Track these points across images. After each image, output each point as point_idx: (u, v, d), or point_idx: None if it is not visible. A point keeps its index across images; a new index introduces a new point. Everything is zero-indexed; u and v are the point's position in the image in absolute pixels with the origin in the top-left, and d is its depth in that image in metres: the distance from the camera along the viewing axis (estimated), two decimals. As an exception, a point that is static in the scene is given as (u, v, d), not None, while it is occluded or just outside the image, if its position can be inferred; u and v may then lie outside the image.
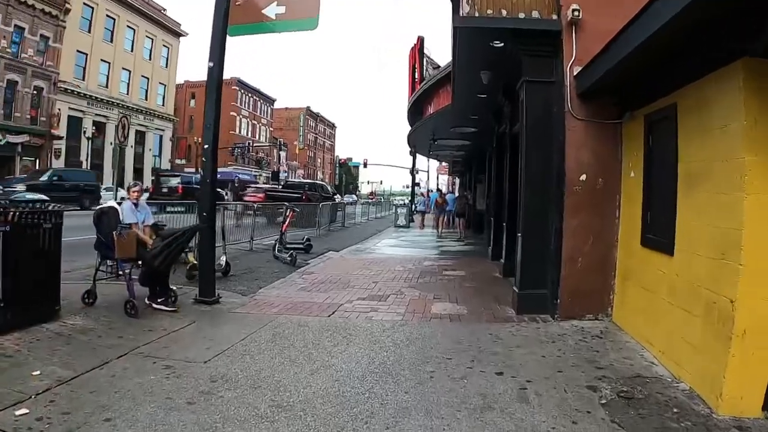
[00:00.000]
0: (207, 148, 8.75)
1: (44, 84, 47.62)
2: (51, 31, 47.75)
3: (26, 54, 45.40)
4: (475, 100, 13.50)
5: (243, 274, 12.66)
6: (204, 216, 8.81)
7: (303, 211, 22.23)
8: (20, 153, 45.68)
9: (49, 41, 47.77)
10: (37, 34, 46.36)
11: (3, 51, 43.34)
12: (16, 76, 44.90)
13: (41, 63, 47.20)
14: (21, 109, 45.43)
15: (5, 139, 44.00)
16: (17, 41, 44.90)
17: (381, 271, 13.34)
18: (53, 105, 48.14)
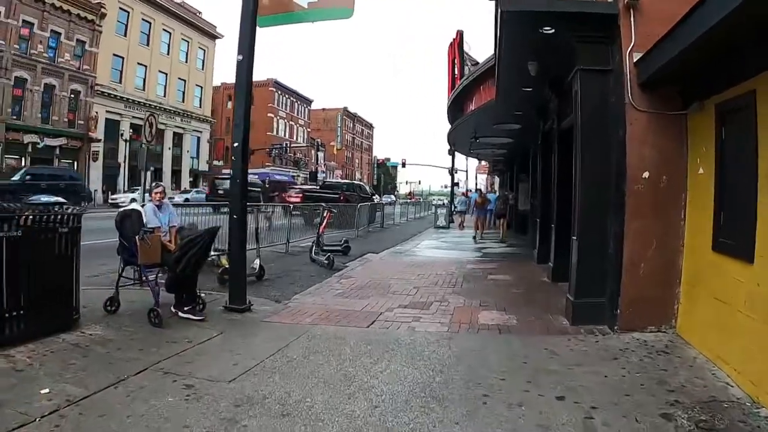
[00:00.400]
0: (237, 147, 8.24)
1: (81, 87, 48.01)
2: (87, 35, 48.22)
3: (63, 58, 45.92)
4: (520, 95, 12.82)
5: (278, 278, 12.22)
6: (234, 219, 8.31)
7: (341, 211, 21.78)
8: (58, 156, 46.13)
9: (86, 45, 48.31)
10: (73, 39, 46.84)
11: (40, 55, 43.80)
12: (53, 80, 45.37)
13: (78, 67, 47.63)
14: (58, 112, 45.91)
15: (43, 142, 44.45)
16: (54, 46, 45.53)
17: (422, 275, 12.75)
18: (90, 108, 48.56)
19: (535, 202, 18.28)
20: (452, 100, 18.87)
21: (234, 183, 8.44)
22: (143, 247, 7.44)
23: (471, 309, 9.10)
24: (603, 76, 8.20)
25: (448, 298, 9.93)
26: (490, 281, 12.08)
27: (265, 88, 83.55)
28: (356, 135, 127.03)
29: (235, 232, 8.40)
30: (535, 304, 9.62)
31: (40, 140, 44.17)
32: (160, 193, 8.40)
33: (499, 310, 8.97)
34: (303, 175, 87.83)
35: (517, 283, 11.87)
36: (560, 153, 11.95)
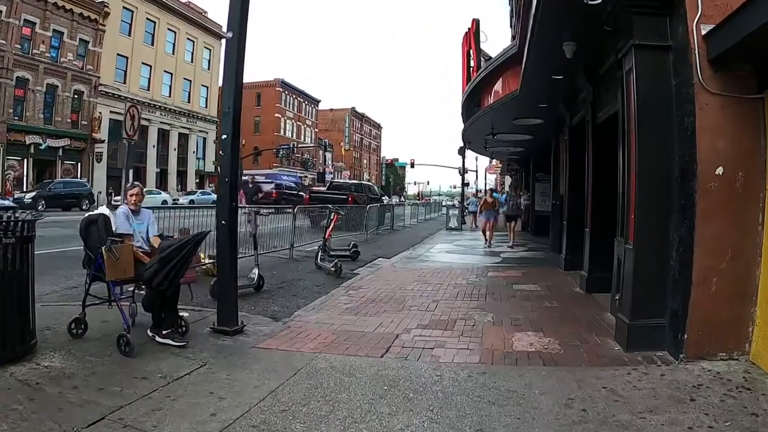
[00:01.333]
0: (225, 139, 6.87)
1: (84, 88, 47.04)
2: (90, 35, 47.34)
3: (66, 58, 45.06)
4: (549, 84, 11.47)
5: (279, 288, 10.91)
6: (222, 225, 6.93)
7: (349, 213, 20.49)
8: (61, 157, 45.15)
9: (89, 45, 47.47)
10: (76, 39, 45.99)
11: (42, 55, 42.84)
12: (55, 80, 44.44)
13: (81, 67, 46.71)
14: (61, 113, 45.02)
15: (46, 143, 43.48)
16: (56, 46, 44.75)
17: (440, 285, 11.38)
18: (94, 108, 47.63)
19: (558, 203, 16.96)
20: (468, 94, 17.48)
21: (222, 182, 7.03)
22: (110, 260, 6.09)
23: (502, 330, 7.70)
24: (663, 54, 6.79)
25: (473, 315, 8.55)
26: (517, 292, 10.69)
27: (272, 88, 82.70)
28: (364, 135, 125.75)
29: (223, 240, 7.01)
30: (575, 322, 8.23)
31: (43, 141, 43.25)
32: (136, 195, 6.99)
33: (535, 331, 7.57)
34: (311, 175, 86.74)
35: (548, 294, 10.49)
36: (595, 149, 10.62)
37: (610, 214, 9.74)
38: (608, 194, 10.19)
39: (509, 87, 13.62)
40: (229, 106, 6.87)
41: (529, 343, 6.96)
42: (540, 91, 12.31)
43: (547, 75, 10.88)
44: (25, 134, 41.85)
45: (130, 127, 10.77)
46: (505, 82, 14.05)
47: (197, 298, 9.38)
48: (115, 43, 49.67)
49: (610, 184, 10.24)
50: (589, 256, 10.63)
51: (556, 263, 14.18)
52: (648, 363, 6.21)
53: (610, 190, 10.11)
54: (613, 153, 9.53)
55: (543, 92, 12.50)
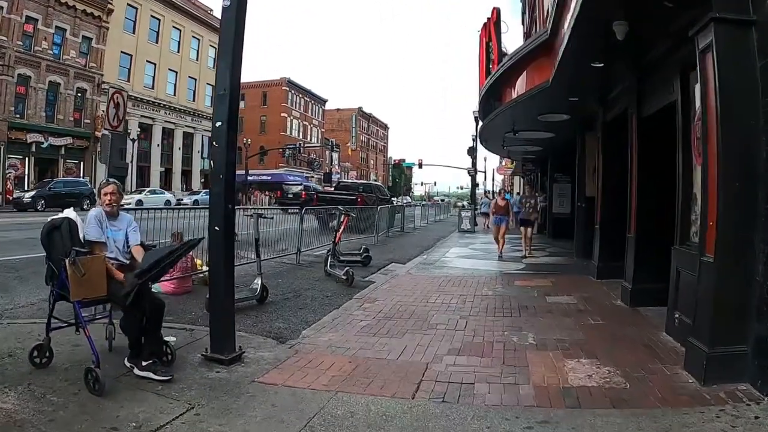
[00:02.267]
0: (220, 127, 5.63)
1: (87, 86, 46.08)
2: (93, 32, 46.37)
3: (68, 56, 44.06)
4: (587, 73, 10.20)
5: (284, 300, 9.75)
6: (216, 231, 5.70)
7: (359, 215, 19.33)
8: (63, 155, 44.20)
9: (92, 42, 46.47)
10: (79, 36, 45.07)
11: (44, 52, 41.87)
12: (58, 77, 43.46)
13: (84, 64, 45.70)
14: (64, 111, 44.06)
15: (48, 141, 42.49)
16: (59, 43, 43.81)
17: (465, 296, 10.19)
18: (97, 107, 46.48)
19: (584, 205, 15.75)
20: (487, 88, 16.21)
21: (215, 179, 5.78)
22: (75, 276, 4.89)
23: (549, 356, 6.46)
24: (745, 30, 5.60)
25: (511, 336, 7.33)
26: (552, 306, 9.47)
27: (278, 87, 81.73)
28: (371, 135, 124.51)
29: (217, 251, 5.78)
30: (630, 345, 7.02)
31: (45, 139, 42.33)
32: (112, 194, 5.70)
33: (589, 358, 6.34)
34: (317, 176, 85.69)
35: (588, 308, 9.26)
36: (642, 146, 9.44)
37: (662, 219, 8.63)
38: (659, 196, 9.05)
39: (536, 79, 12.40)
40: (224, 88, 5.67)
41: (586, 375, 5.74)
42: (575, 82, 11.08)
43: (586, 62, 9.65)
44: (26, 132, 40.97)
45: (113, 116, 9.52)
46: (531, 74, 12.82)
47: (192, 313, 8.26)
48: (118, 40, 48.66)
49: (660, 184, 9.12)
50: (634, 265, 9.43)
51: (586, 271, 12.99)
52: (734, 401, 5.01)
53: (661, 192, 8.98)
54: (665, 150, 8.39)
55: (577, 83, 11.27)
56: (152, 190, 46.14)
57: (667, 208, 8.50)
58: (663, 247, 8.27)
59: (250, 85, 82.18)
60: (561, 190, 23.15)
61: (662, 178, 9.03)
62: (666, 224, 8.38)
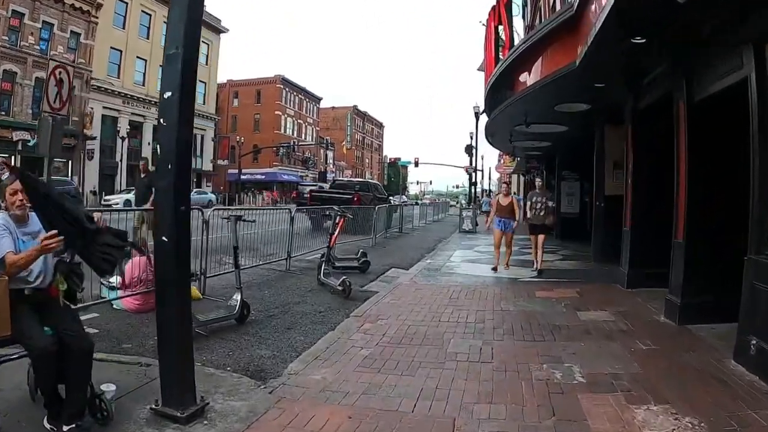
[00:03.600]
0: (170, 98, 3.98)
1: (75, 82, 43.91)
2: (82, 27, 44.55)
3: (56, 51, 42.11)
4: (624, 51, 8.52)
5: (269, 318, 8.18)
6: (163, 243, 4.07)
7: (356, 215, 17.74)
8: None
9: (81, 38, 44.59)
10: (67, 31, 43.25)
11: (31, 48, 40.13)
12: (45, 73, 41.38)
13: (72, 60, 43.78)
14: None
15: (34, 139, 40.58)
16: (46, 38, 41.91)
17: (482, 311, 8.58)
18: (85, 104, 44.78)
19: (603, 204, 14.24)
20: (497, 76, 14.52)
21: (162, 169, 4.09)
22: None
23: (609, 400, 4.81)
24: None
25: (553, 370, 5.69)
26: (588, 324, 7.82)
27: (272, 84, 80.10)
28: (366, 134, 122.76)
29: (166, 270, 4.13)
30: (701, 380, 5.44)
31: (31, 138, 40.38)
32: (21, 191, 4.01)
33: (659, 403, 4.72)
34: (312, 174, 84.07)
35: (630, 328, 7.64)
36: (694, 136, 7.87)
37: (723, 222, 7.16)
38: (718, 194, 7.53)
39: (558, 62, 10.78)
40: (176, 45, 4.02)
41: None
42: (606, 63, 9.48)
43: (626, 38, 8.05)
44: (12, 130, 39.21)
45: (55, 96, 7.88)
46: (552, 56, 11.22)
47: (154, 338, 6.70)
48: (108, 36, 46.82)
49: (720, 181, 7.59)
50: (685, 276, 7.85)
51: (610, 278, 11.43)
52: None
53: (721, 190, 7.46)
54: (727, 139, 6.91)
55: (609, 65, 9.66)
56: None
57: (729, 209, 7.04)
58: (723, 256, 6.97)
59: (244, 82, 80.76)
60: (569, 188, 21.63)
61: (722, 174, 7.52)
62: (729, 229, 6.92)
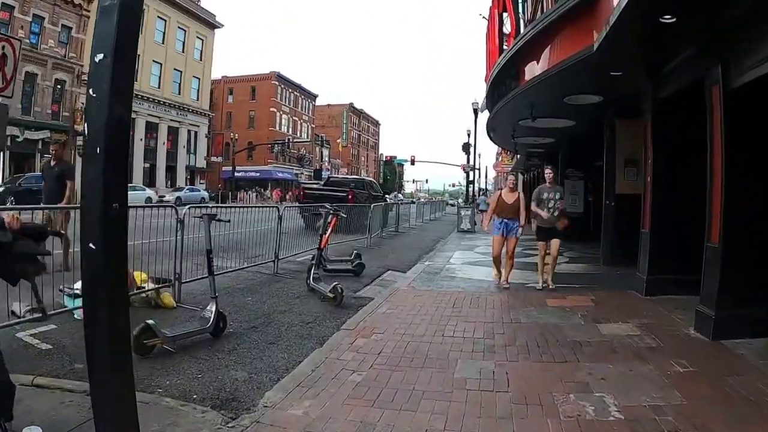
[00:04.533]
0: (101, 62, 2.97)
1: (67, 77, 43.19)
2: (74, 20, 43.48)
3: (46, 45, 41.09)
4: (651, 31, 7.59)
5: (250, 330, 7.17)
6: (90, 248, 3.04)
7: (350, 214, 16.74)
8: (40, 150, 41.22)
9: (72, 32, 43.45)
10: (58, 24, 42.17)
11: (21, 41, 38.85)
12: (35, 68, 40.51)
13: (63, 54, 42.77)
14: (41, 103, 41.14)
15: (23, 135, 39.54)
16: (36, 32, 40.74)
17: (491, 323, 7.57)
18: (77, 99, 43.57)
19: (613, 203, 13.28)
20: (501, 66, 13.32)
21: (92, 154, 3.03)
22: None
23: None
24: None
25: (582, 402, 4.66)
26: (614, 341, 6.77)
27: (267, 81, 78.94)
28: (362, 132, 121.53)
29: (94, 281, 3.13)
30: (759, 412, 4.49)
31: (20, 133, 39.32)
32: None
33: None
34: (307, 172, 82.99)
35: (660, 344, 6.60)
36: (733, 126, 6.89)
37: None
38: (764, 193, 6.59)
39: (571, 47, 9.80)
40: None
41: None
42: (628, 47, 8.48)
43: (653, 16, 7.07)
44: (0, 126, 37.78)
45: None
46: (565, 41, 10.17)
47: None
48: (100, 30, 45.72)
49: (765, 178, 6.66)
50: (721, 285, 6.87)
51: (625, 283, 10.43)
52: None
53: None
54: None
55: (630, 49, 8.67)
56: (132, 186, 43.26)
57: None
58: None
59: (239, 79, 79.64)
60: (573, 187, 20.59)
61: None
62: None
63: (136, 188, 42.45)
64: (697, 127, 7.74)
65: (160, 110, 53.37)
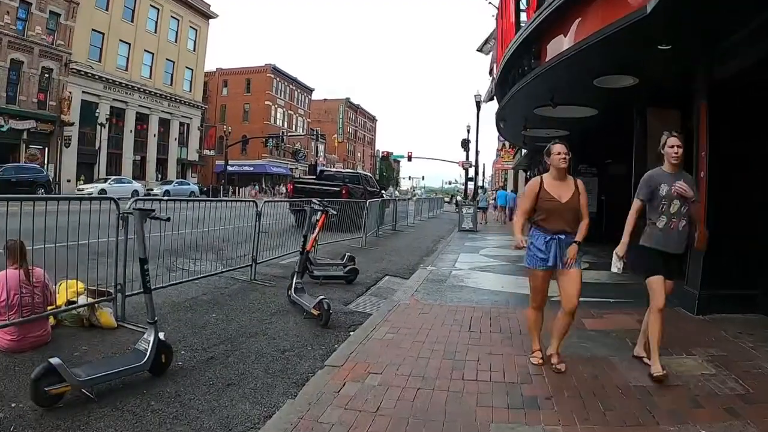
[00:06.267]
0: None
1: (54, 65, 41.23)
2: (62, 7, 41.50)
3: (33, 32, 39.16)
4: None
5: (205, 364, 5.35)
6: None
7: (343, 210, 14.96)
8: (26, 140, 39.28)
9: (60, 18, 41.49)
10: (46, 11, 40.21)
11: (6, 27, 37.06)
12: (21, 55, 38.63)
13: (51, 42, 40.84)
14: (27, 92, 39.15)
15: (8, 124, 37.64)
16: (23, 18, 38.79)
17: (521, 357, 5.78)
18: (64, 88, 41.80)
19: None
20: (519, 43, 11.38)
21: None
22: None
23: None
24: None
25: None
26: (690, 385, 4.97)
27: (263, 74, 76.91)
28: (359, 128, 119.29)
29: None
30: None
31: (5, 122, 37.44)
32: None
33: None
34: (302, 167, 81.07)
35: (748, 390, 4.79)
36: None
37: None
38: None
39: (608, 16, 8.04)
40: None
41: None
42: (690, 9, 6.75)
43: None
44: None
45: None
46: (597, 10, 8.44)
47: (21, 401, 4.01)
48: (90, 17, 43.69)
49: None
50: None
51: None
52: None
53: None
54: None
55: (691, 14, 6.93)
56: (119, 178, 41.41)
57: None
58: None
59: (234, 71, 77.72)
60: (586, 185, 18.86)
61: None
62: None
63: (122, 181, 40.66)
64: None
65: (151, 101, 51.32)
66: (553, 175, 5.64)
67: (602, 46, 8.43)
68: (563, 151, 5.57)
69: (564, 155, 5.55)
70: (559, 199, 5.50)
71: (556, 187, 5.57)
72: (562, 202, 5.50)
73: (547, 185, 5.58)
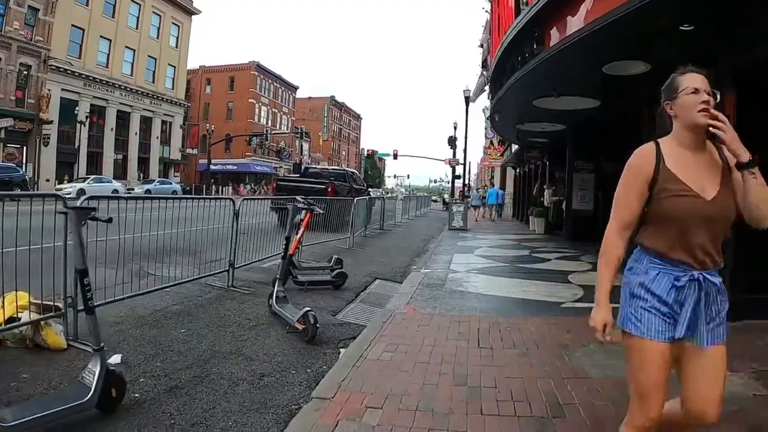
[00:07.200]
0: None
1: (32, 61, 39.96)
2: (41, 2, 40.22)
3: (11, 27, 37.92)
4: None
5: (166, 395, 4.35)
6: None
7: (329, 209, 14.04)
8: (3, 139, 38.05)
9: (39, 13, 40.22)
10: (24, 5, 38.99)
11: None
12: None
13: (29, 38, 39.55)
14: (5, 89, 37.93)
15: (-18, 121, 36.49)
16: (0, 13, 37.54)
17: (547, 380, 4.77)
18: (43, 85, 40.55)
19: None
20: (520, 28, 10.52)
21: None
22: None
23: None
24: None
25: None
26: (746, 410, 4.06)
27: (247, 71, 75.69)
28: (344, 126, 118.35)
29: None
30: None
31: (-18, 119, 36.35)
32: None
33: None
34: (286, 166, 79.97)
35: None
36: None
37: None
38: None
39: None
40: None
41: None
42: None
43: None
44: (-41, 111, 34.80)
45: None
46: None
47: None
48: (69, 12, 42.45)
49: None
50: None
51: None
52: None
53: None
54: None
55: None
56: (98, 177, 40.12)
57: None
58: None
59: (217, 69, 76.45)
60: (582, 181, 18.07)
61: None
62: None
63: (102, 180, 39.45)
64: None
65: (132, 98, 50.03)
66: (682, 139, 2.62)
67: (617, 26, 7.54)
68: (704, 87, 2.56)
69: (707, 98, 2.53)
70: (699, 192, 2.52)
71: (691, 165, 2.58)
72: (706, 198, 2.51)
73: (673, 162, 2.59)
